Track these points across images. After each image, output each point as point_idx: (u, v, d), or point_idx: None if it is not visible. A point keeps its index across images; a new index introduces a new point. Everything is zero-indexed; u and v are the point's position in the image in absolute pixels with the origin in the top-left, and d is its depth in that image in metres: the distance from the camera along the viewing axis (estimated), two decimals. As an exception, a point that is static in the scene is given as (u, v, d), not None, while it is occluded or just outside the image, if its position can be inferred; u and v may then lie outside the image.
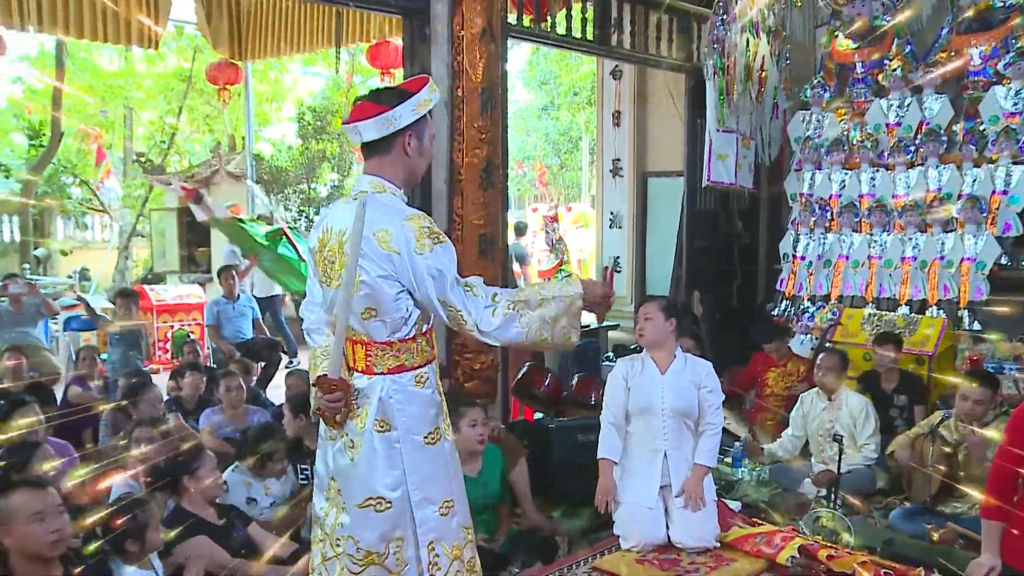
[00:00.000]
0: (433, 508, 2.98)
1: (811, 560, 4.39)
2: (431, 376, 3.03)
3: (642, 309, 4.83)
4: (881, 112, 7.45)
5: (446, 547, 3.01)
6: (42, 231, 17.50)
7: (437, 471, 3.01)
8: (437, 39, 5.88)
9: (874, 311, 7.16)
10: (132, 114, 20.08)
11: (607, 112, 10.06)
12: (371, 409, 2.94)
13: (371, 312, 2.91)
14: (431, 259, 2.86)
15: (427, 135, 3.04)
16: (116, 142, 20.31)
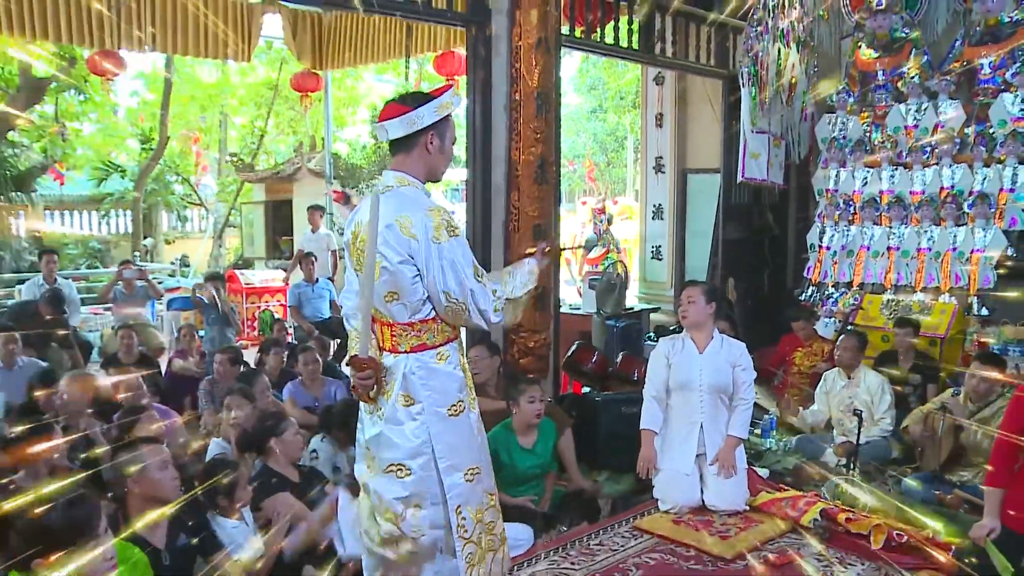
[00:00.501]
0: (460, 475, 2.98)
1: (831, 522, 4.41)
2: (452, 353, 3.03)
3: (686, 292, 4.82)
4: (900, 116, 7.37)
5: (471, 511, 3.01)
6: (150, 223, 17.85)
7: (462, 440, 3.01)
8: (497, 49, 5.92)
9: (892, 297, 7.12)
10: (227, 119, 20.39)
11: (651, 114, 10.02)
12: (396, 385, 2.96)
13: (393, 295, 2.93)
14: (446, 249, 2.87)
15: (448, 137, 3.05)
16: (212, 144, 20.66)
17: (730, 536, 4.37)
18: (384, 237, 2.87)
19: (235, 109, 20.02)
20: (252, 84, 19.21)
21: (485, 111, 5.95)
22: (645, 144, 10.24)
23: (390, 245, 2.87)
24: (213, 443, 4.68)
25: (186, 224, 19.58)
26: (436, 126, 2.97)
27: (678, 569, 4.07)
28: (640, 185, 10.95)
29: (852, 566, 4.08)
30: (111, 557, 2.52)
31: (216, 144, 20.78)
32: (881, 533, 4.18)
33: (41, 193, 16.17)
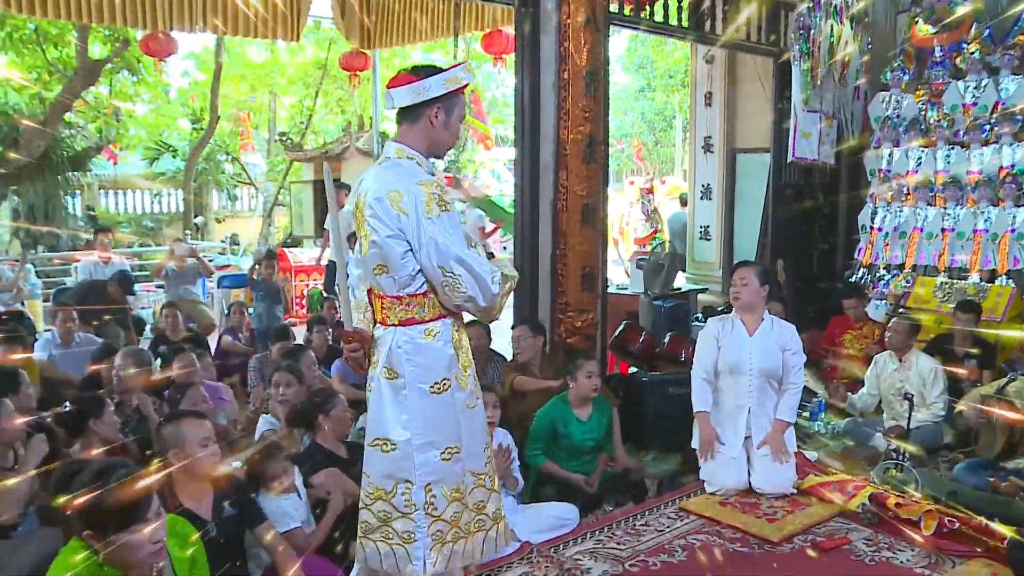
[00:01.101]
0: (435, 452, 2.91)
1: (880, 507, 4.35)
2: (444, 330, 2.96)
3: (738, 273, 4.76)
4: (958, 93, 7.19)
5: (445, 489, 2.94)
6: (201, 202, 18.11)
7: (443, 419, 2.94)
8: (546, 27, 5.88)
9: (946, 279, 6.98)
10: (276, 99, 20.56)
11: (700, 93, 9.90)
12: (382, 357, 2.94)
13: (382, 268, 2.91)
14: (437, 224, 2.81)
15: (456, 113, 2.99)
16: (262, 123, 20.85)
17: (777, 519, 4.34)
18: (374, 210, 2.85)
19: (284, 89, 20.18)
20: (301, 64, 19.33)
21: (533, 90, 5.92)
22: (694, 123, 10.13)
23: (380, 219, 2.85)
24: (262, 420, 4.74)
25: (236, 203, 19.82)
26: (444, 100, 2.93)
27: (724, 551, 4.05)
28: (688, 165, 10.85)
29: (901, 552, 4.03)
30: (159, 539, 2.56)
31: (265, 124, 20.98)
32: (932, 519, 4.12)
33: (96, 173, 16.46)
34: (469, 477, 3.02)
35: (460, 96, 2.99)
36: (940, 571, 3.82)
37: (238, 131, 18.96)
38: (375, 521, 2.97)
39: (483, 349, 5.91)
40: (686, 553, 4.02)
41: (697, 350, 4.86)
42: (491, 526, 3.09)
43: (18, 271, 8.08)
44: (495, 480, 3.14)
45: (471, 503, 3.03)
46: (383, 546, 2.96)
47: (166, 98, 18.92)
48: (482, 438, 3.08)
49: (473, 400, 3.04)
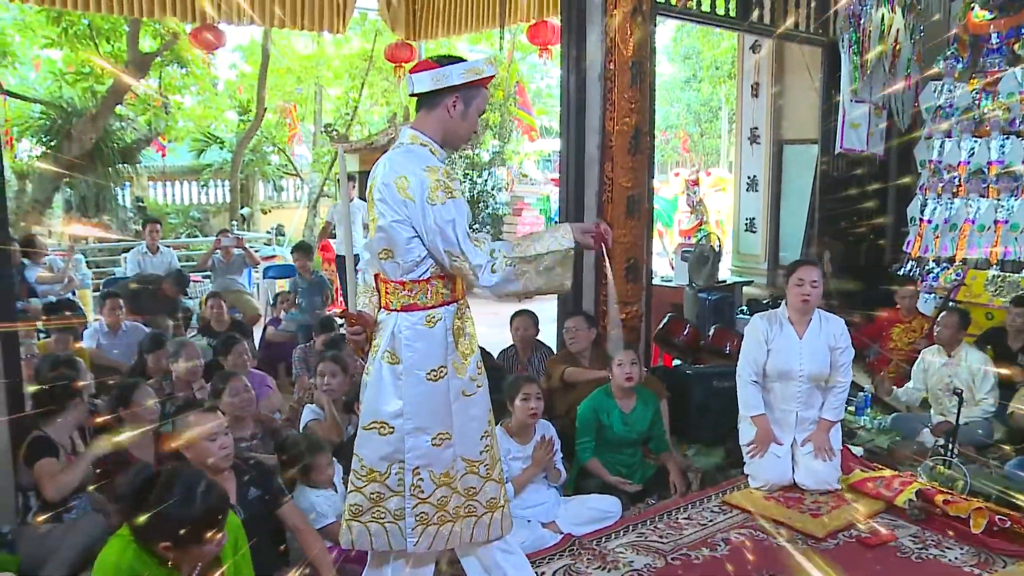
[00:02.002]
0: (426, 438, 2.93)
1: (928, 504, 4.30)
2: (445, 317, 2.95)
3: (808, 273, 4.57)
4: (1015, 81, 7.03)
5: (433, 473, 2.95)
6: (247, 193, 18.28)
7: (437, 405, 2.94)
8: (592, 18, 5.86)
9: (998, 272, 6.85)
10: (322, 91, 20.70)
11: (746, 84, 9.83)
12: (383, 341, 2.95)
13: (387, 253, 2.92)
14: (442, 211, 2.80)
15: (475, 105, 2.97)
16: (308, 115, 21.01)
17: (821, 514, 4.31)
18: (382, 194, 2.87)
19: (330, 80, 20.29)
20: (347, 55, 19.44)
21: (579, 81, 5.91)
22: (740, 114, 10.06)
23: (387, 203, 2.86)
24: (307, 410, 4.80)
25: (282, 194, 19.96)
26: (463, 90, 2.92)
27: (768, 545, 4.04)
28: (734, 156, 10.77)
29: (949, 549, 3.98)
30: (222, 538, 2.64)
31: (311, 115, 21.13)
32: (982, 517, 4.06)
33: (145, 164, 16.72)
34: (460, 463, 3.02)
35: (481, 88, 2.98)
36: (990, 570, 3.77)
37: (285, 123, 19.12)
38: (366, 503, 2.99)
39: (530, 339, 5.94)
40: (729, 547, 4.01)
41: (745, 350, 4.75)
42: (483, 512, 3.09)
43: (68, 261, 8.25)
44: (494, 469, 3.12)
45: (461, 488, 3.03)
46: (374, 526, 2.99)
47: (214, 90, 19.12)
48: (479, 425, 3.06)
49: (472, 388, 3.02)
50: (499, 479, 3.15)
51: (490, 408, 3.12)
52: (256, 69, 17.05)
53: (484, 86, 2.98)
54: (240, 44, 19.96)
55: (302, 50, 19.59)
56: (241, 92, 19.14)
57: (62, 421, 3.93)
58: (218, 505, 2.59)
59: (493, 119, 14.19)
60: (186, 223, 17.05)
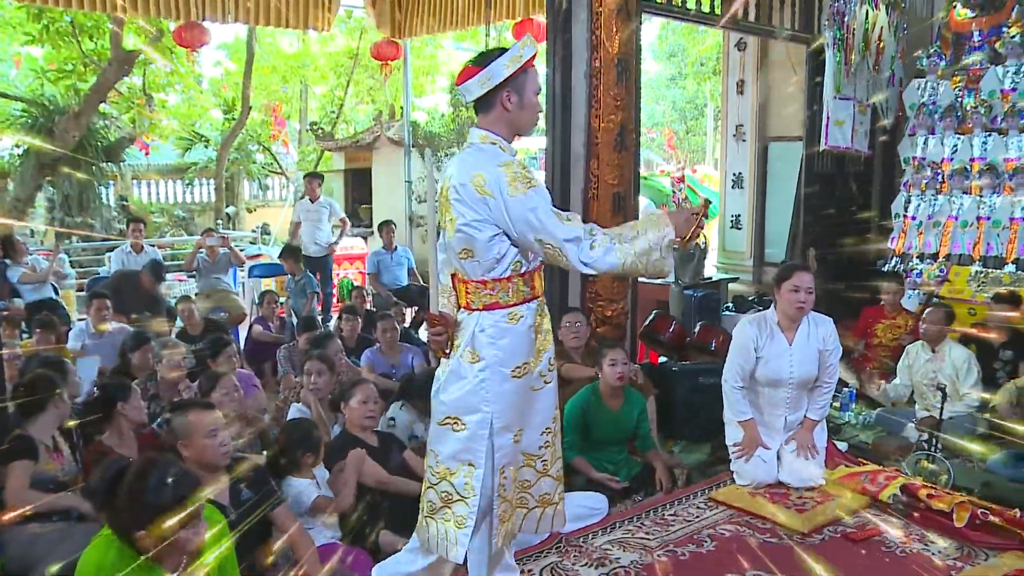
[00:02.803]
0: (510, 435, 2.99)
1: (912, 498, 4.33)
2: (527, 314, 2.99)
3: (804, 280, 4.49)
4: (996, 79, 7.08)
5: (513, 471, 3.03)
6: (232, 192, 18.22)
7: (519, 402, 2.99)
8: (577, 15, 5.86)
9: (981, 269, 6.90)
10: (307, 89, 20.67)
11: (731, 81, 9.84)
12: (464, 340, 2.97)
13: (467, 252, 2.93)
14: (525, 200, 2.81)
15: (529, 90, 2.97)
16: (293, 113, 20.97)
17: (807, 510, 4.33)
18: (460, 195, 2.89)
19: (315, 78, 20.28)
20: (332, 53, 19.44)
21: (565, 79, 5.91)
22: (725, 112, 10.07)
23: (465, 203, 2.88)
24: (292, 408, 4.80)
25: (267, 192, 19.90)
26: (511, 82, 2.92)
27: (753, 542, 4.06)
28: (720, 153, 10.79)
29: (933, 543, 4.01)
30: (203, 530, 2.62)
31: (297, 114, 21.09)
32: (965, 511, 4.09)
33: (129, 163, 16.63)
34: (521, 456, 3.08)
35: (529, 72, 2.97)
36: (973, 563, 3.80)
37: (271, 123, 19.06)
38: (439, 502, 3.03)
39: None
40: (715, 543, 4.03)
41: (732, 356, 4.68)
42: (534, 506, 3.13)
43: (51, 261, 8.20)
44: (552, 465, 3.15)
45: (519, 480, 3.09)
46: (443, 527, 3.02)
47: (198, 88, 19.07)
48: (543, 420, 3.11)
49: (540, 383, 3.07)
50: (557, 476, 3.18)
51: (556, 404, 3.16)
52: (241, 67, 17.01)
53: (530, 67, 2.98)
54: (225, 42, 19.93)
55: (287, 48, 19.57)
56: (226, 90, 19.09)
57: (44, 420, 3.90)
58: (190, 490, 2.57)
59: (478, 117, 14.17)
60: (171, 222, 16.97)
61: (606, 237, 2.84)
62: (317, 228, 9.44)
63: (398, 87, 14.62)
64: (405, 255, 9.42)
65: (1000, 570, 3.70)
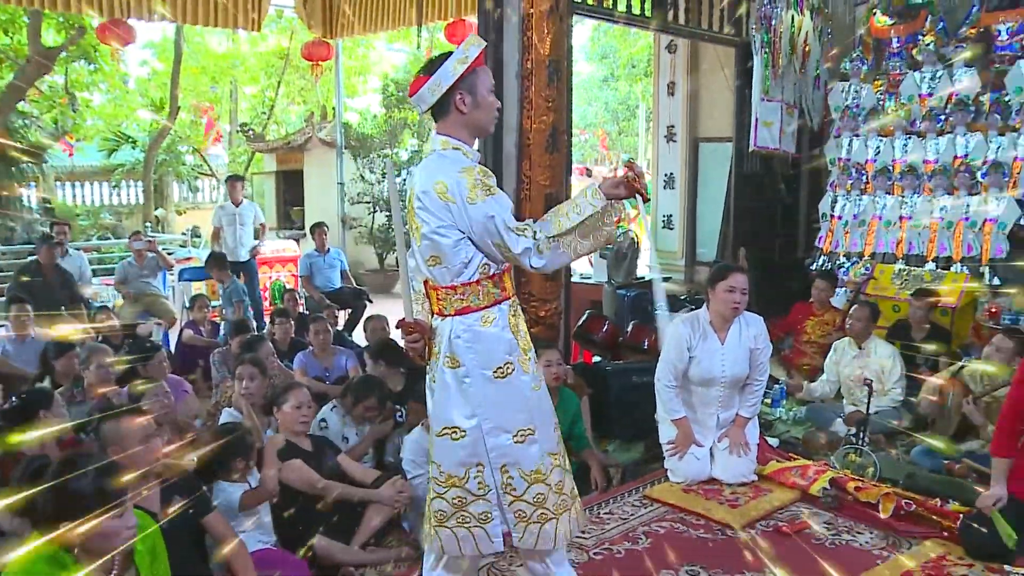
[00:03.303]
0: (507, 436, 2.95)
1: (841, 491, 4.45)
2: (500, 316, 2.97)
3: (739, 281, 4.57)
4: (914, 84, 7.30)
5: (522, 470, 2.97)
6: (161, 194, 17.86)
7: (510, 402, 2.96)
8: (508, 17, 5.86)
9: (904, 267, 7.09)
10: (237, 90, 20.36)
11: (662, 83, 9.95)
12: (443, 347, 2.96)
13: (435, 259, 2.93)
14: (483, 208, 2.81)
15: (481, 88, 2.94)
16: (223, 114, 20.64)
17: (739, 505, 4.41)
18: (423, 202, 2.89)
19: (245, 79, 19.99)
20: (263, 53, 19.18)
21: (496, 80, 5.89)
22: (657, 113, 10.18)
23: (428, 211, 2.88)
24: (225, 413, 4.72)
25: (197, 194, 19.55)
26: (462, 83, 2.90)
27: (688, 537, 4.11)
28: (652, 154, 10.90)
29: (860, 534, 4.12)
30: (132, 524, 2.56)
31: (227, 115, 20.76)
32: (890, 502, 4.21)
33: (52, 164, 16.19)
34: (547, 458, 3.04)
35: (479, 71, 2.94)
36: (897, 552, 3.91)
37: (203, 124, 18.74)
38: (450, 508, 3.02)
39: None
40: (650, 540, 4.07)
41: (665, 356, 4.72)
42: (571, 504, 3.12)
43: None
44: (567, 459, 3.16)
45: (553, 484, 3.04)
46: (460, 531, 3.02)
47: (124, 88, 18.66)
48: (551, 417, 3.11)
49: (537, 382, 3.06)
50: (570, 469, 3.18)
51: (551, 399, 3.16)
52: (169, 66, 16.69)
53: (478, 66, 2.94)
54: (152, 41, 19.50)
55: (217, 48, 19.23)
56: (153, 90, 18.71)
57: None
58: (115, 480, 2.52)
59: (412, 117, 14.12)
60: (97, 225, 16.57)
61: (548, 240, 2.85)
62: (242, 232, 9.24)
63: (330, 88, 14.52)
64: (338, 257, 9.33)
65: (922, 557, 3.81)
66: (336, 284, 9.12)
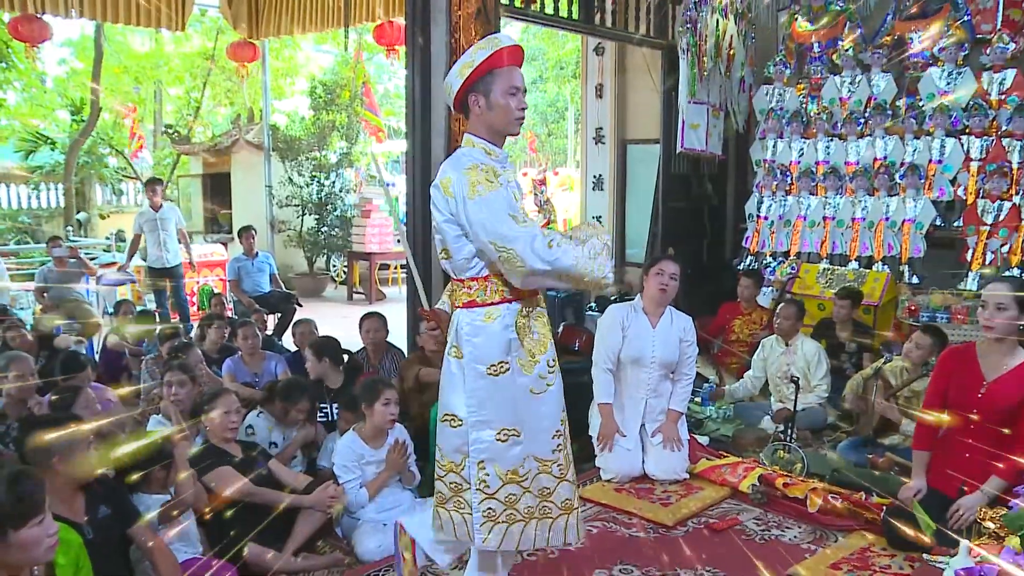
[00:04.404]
0: (490, 432, 2.96)
1: (770, 487, 4.52)
2: (506, 315, 2.97)
3: (669, 267, 4.80)
4: (835, 88, 7.49)
5: (498, 468, 2.97)
6: (83, 197, 17.34)
7: (498, 400, 2.97)
8: (436, 19, 5.83)
9: (828, 266, 7.24)
10: (162, 90, 19.92)
11: (591, 85, 10.01)
12: (452, 338, 3.05)
13: (444, 252, 3.02)
14: (481, 203, 2.82)
15: (496, 90, 2.92)
16: (147, 116, 20.16)
17: (671, 503, 4.44)
18: (433, 197, 2.98)
19: (170, 80, 19.55)
20: (187, 54, 18.77)
21: (424, 82, 5.88)
22: (585, 115, 10.24)
23: (436, 205, 2.97)
24: (152, 420, 4.60)
25: (121, 198, 19.03)
26: (475, 85, 2.93)
27: (620, 536, 4.13)
28: (581, 156, 10.96)
29: (789, 529, 4.19)
30: (54, 532, 2.48)
31: (151, 116, 20.29)
32: (817, 497, 4.30)
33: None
34: (532, 462, 3.03)
35: (495, 71, 2.92)
36: (824, 545, 3.98)
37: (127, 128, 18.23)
38: (448, 492, 3.07)
39: (381, 342, 5.88)
40: (583, 540, 4.07)
41: (600, 337, 4.89)
42: (558, 515, 3.08)
43: None
44: (568, 469, 3.12)
45: (534, 488, 3.04)
46: (456, 515, 3.06)
47: (42, 87, 18.10)
48: (551, 424, 3.07)
49: (541, 386, 3.03)
50: (573, 480, 3.15)
51: (563, 408, 3.13)
52: (89, 66, 16.22)
53: (495, 67, 2.92)
54: (70, 39, 18.93)
55: (139, 47, 18.76)
56: (73, 90, 18.17)
57: None
58: (31, 492, 2.43)
59: (340, 120, 13.97)
60: (14, 228, 16.04)
61: (564, 239, 2.87)
62: (165, 237, 8.98)
63: (257, 89, 14.29)
64: (266, 261, 9.17)
65: (847, 550, 3.89)
66: (265, 288, 8.96)
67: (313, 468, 4.70)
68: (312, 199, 13.58)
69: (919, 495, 3.88)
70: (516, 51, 2.98)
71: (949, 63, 6.83)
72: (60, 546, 2.64)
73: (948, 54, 6.82)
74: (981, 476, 3.72)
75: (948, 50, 6.81)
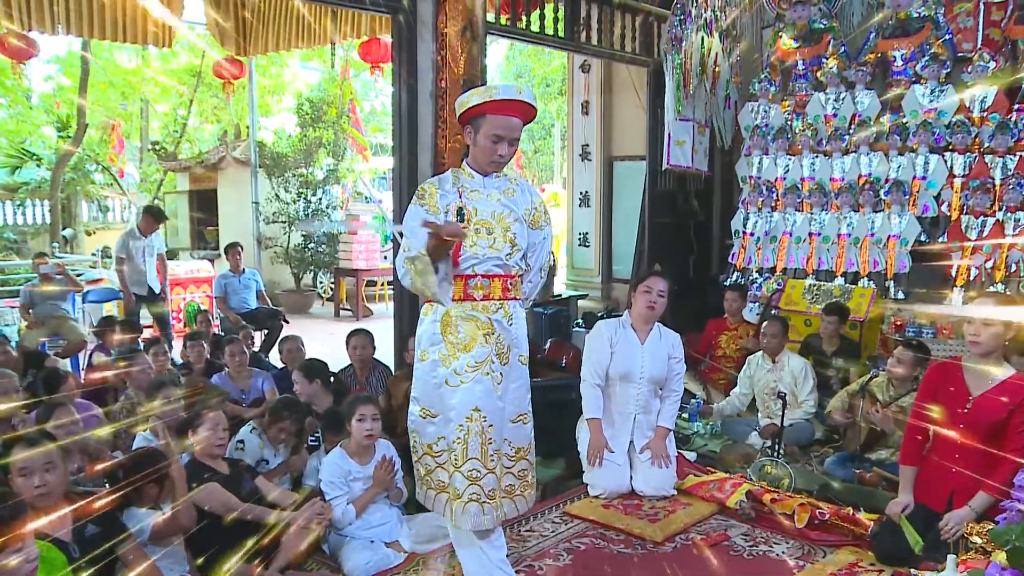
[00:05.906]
0: (417, 407, 3.46)
1: (757, 503, 4.50)
2: (435, 310, 3.32)
3: (657, 284, 4.78)
4: (820, 105, 7.54)
5: (420, 440, 3.44)
6: (69, 213, 17.25)
7: (423, 382, 3.39)
8: (423, 36, 5.85)
9: (814, 282, 7.25)
10: (148, 107, 19.86)
11: (577, 102, 10.05)
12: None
13: None
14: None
15: (482, 133, 3.23)
16: (134, 132, 20.09)
17: (659, 519, 4.42)
18: None
19: (156, 96, 19.50)
20: (174, 71, 18.72)
21: (411, 98, 5.88)
22: (571, 132, 10.27)
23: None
24: (139, 437, 4.56)
25: (107, 214, 18.93)
26: (470, 121, 3.25)
27: (608, 553, 4.10)
28: (567, 173, 10.99)
29: (777, 544, 4.16)
30: (35, 558, 2.43)
31: (138, 132, 20.22)
32: (805, 512, 4.28)
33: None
34: (443, 443, 3.35)
35: (487, 116, 3.19)
36: (812, 561, 3.96)
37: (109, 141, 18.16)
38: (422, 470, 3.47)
39: (367, 359, 5.84)
40: (572, 557, 4.05)
41: (588, 353, 4.87)
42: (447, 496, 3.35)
43: None
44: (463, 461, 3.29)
45: (431, 466, 3.41)
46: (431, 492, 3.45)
47: (28, 104, 18.03)
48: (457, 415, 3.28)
49: (456, 381, 3.28)
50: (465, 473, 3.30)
51: (476, 407, 3.29)
52: (75, 82, 16.15)
53: (489, 113, 3.19)
54: (57, 55, 18.87)
55: (126, 64, 18.71)
56: (59, 107, 18.10)
57: None
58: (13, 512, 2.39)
59: (327, 137, 13.95)
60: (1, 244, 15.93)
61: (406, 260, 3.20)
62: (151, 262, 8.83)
63: (243, 106, 14.26)
64: (253, 277, 9.12)
65: (836, 565, 3.87)
66: (252, 305, 8.91)
67: (299, 487, 4.65)
68: (298, 215, 13.56)
69: (907, 510, 3.88)
70: (514, 105, 3.21)
71: (932, 80, 6.90)
72: (42, 565, 2.60)
73: (931, 72, 6.89)
74: (968, 491, 3.72)
75: (931, 68, 6.88)
